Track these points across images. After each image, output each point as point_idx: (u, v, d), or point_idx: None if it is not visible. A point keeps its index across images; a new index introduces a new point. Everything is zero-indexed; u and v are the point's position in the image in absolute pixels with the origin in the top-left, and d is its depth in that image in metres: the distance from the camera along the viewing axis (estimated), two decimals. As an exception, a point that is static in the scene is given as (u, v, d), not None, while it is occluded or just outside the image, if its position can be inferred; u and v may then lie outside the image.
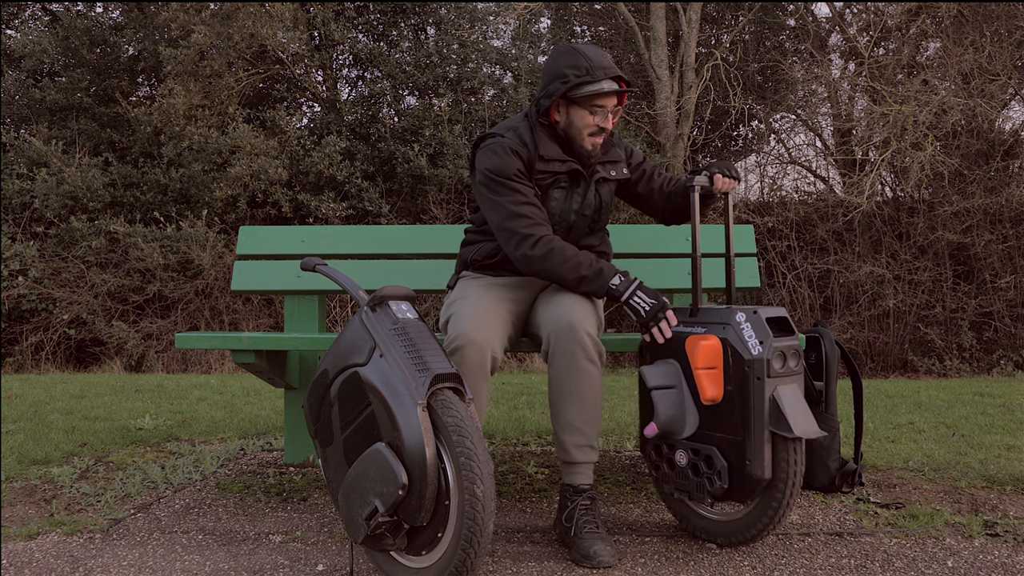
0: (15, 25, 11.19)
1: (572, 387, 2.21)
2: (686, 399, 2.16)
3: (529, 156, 2.36)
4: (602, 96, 2.33)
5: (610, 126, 2.39)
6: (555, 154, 2.38)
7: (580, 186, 2.44)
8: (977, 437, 3.59)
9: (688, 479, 2.17)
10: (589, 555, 2.09)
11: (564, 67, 2.33)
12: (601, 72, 2.30)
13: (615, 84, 2.32)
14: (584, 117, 2.35)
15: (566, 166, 2.39)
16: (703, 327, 2.16)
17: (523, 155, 2.35)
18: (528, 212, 2.31)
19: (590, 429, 2.23)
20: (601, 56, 2.34)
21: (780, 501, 2.08)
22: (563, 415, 2.23)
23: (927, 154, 7.78)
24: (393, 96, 10.37)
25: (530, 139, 2.39)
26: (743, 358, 2.06)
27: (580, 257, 2.28)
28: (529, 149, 2.37)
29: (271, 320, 9.19)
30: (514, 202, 2.31)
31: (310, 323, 3.12)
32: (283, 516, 2.57)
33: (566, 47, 2.37)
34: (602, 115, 2.35)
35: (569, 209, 2.44)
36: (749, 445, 2.04)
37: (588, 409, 2.22)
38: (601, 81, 2.30)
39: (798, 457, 2.07)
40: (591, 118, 2.35)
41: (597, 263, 2.28)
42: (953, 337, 8.09)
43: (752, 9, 10.08)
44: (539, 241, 2.27)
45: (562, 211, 2.43)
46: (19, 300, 8.78)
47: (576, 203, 2.44)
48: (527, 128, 2.41)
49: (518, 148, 2.35)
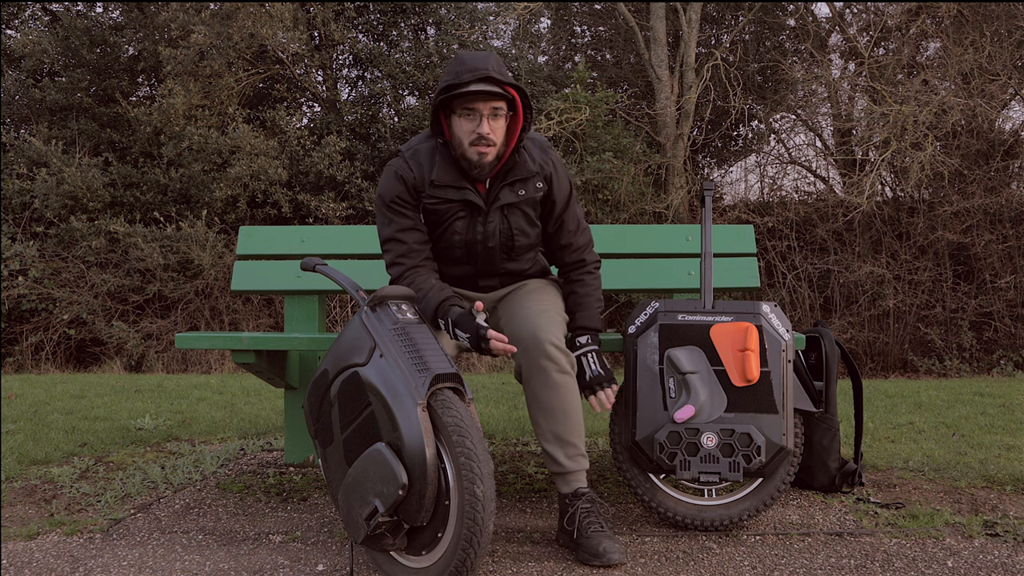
0: (15, 25, 11.19)
1: (553, 402, 2.22)
2: (712, 382, 2.28)
3: (416, 182, 2.30)
4: (470, 98, 2.20)
5: (488, 131, 2.21)
6: (449, 179, 2.29)
7: (480, 215, 2.33)
8: (977, 437, 3.59)
9: (718, 461, 2.23)
10: (598, 553, 2.09)
11: (443, 76, 2.24)
12: (470, 74, 2.17)
13: (485, 85, 2.17)
14: (461, 124, 2.24)
15: (460, 195, 2.30)
16: (728, 316, 2.31)
17: (408, 180, 2.30)
18: (403, 238, 2.31)
19: (577, 438, 2.25)
20: (479, 59, 2.20)
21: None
22: (549, 430, 2.23)
23: (927, 154, 7.77)
24: (393, 96, 10.37)
25: (427, 161, 2.31)
26: (779, 341, 2.27)
27: (429, 295, 2.24)
28: (416, 174, 2.30)
29: (271, 320, 9.19)
30: (393, 228, 2.32)
31: (310, 323, 3.12)
32: (283, 516, 2.57)
33: (453, 57, 2.32)
34: (476, 120, 2.21)
35: (474, 240, 2.35)
36: (784, 421, 2.26)
37: (571, 420, 2.23)
38: (469, 83, 2.16)
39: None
40: (467, 124, 2.22)
41: (434, 305, 2.23)
42: (953, 337, 8.09)
43: (752, 9, 10.08)
44: (404, 273, 2.30)
45: (468, 242, 2.35)
46: (19, 300, 8.78)
47: (479, 233, 2.34)
48: (430, 148, 2.33)
49: (404, 173, 2.31)
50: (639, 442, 2.29)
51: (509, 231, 2.36)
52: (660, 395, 2.29)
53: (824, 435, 2.66)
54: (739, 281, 2.98)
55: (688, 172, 9.60)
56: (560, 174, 2.41)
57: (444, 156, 2.31)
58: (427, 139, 2.36)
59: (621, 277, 3.00)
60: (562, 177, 2.42)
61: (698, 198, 8.97)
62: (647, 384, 2.30)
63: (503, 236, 2.36)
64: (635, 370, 2.32)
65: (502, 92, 2.21)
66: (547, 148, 2.42)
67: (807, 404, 2.45)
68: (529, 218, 2.39)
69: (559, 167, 2.42)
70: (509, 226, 2.35)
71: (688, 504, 2.36)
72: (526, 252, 2.44)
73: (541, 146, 2.41)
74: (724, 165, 11.88)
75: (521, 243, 2.39)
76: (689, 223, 8.32)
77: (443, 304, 2.22)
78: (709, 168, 11.80)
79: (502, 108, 2.24)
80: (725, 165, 11.87)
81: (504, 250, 2.38)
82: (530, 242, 2.42)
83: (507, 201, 2.33)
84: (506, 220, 2.35)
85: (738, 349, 2.28)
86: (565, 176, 2.44)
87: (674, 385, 2.29)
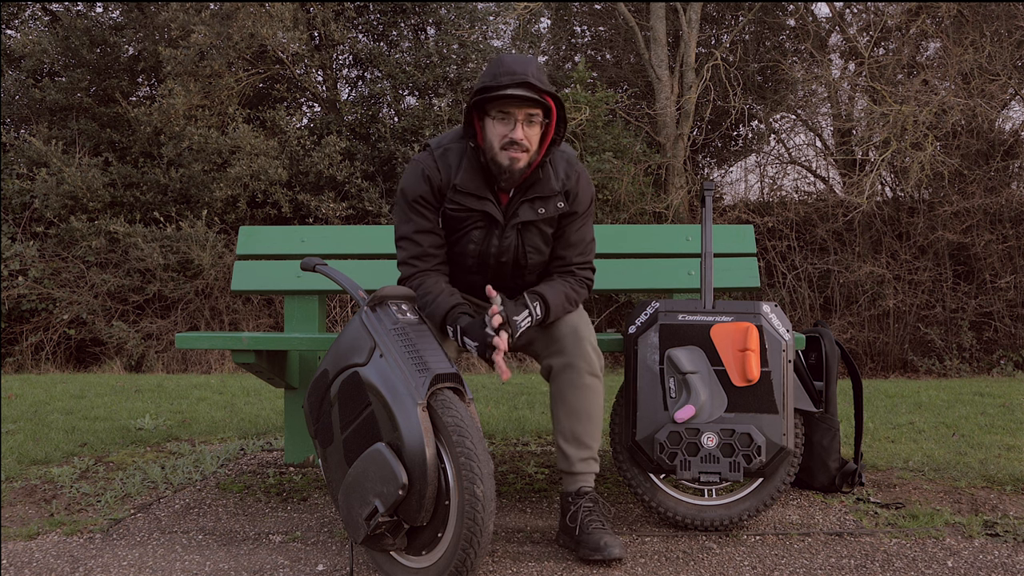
0: (15, 25, 11.19)
1: (578, 402, 2.22)
2: (713, 382, 2.28)
3: (441, 183, 2.26)
4: (505, 102, 2.15)
5: (522, 137, 2.17)
6: (472, 187, 2.25)
7: (497, 229, 2.29)
8: (977, 437, 3.59)
9: (718, 461, 2.23)
10: (599, 547, 2.09)
11: (481, 76, 2.21)
12: (508, 77, 2.12)
13: (522, 90, 2.12)
14: (494, 128, 2.19)
15: (481, 205, 2.26)
16: (728, 316, 2.31)
17: (435, 182, 2.26)
18: (420, 240, 2.27)
19: (594, 442, 2.26)
20: (519, 63, 2.16)
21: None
22: (568, 428, 2.24)
23: (927, 154, 7.77)
24: (393, 96, 10.37)
25: (456, 162, 2.26)
26: (779, 341, 2.27)
27: (438, 299, 2.20)
28: (443, 176, 2.26)
29: (271, 320, 9.19)
30: (411, 227, 2.28)
31: (310, 323, 3.12)
32: (283, 516, 2.57)
33: (493, 58, 2.31)
34: (510, 124, 2.16)
35: (488, 252, 2.31)
36: (785, 421, 2.26)
37: (592, 423, 2.24)
38: (506, 87, 2.12)
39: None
40: (500, 127, 2.18)
41: (443, 311, 2.18)
42: (953, 337, 8.09)
43: (752, 9, 10.08)
44: (415, 275, 2.26)
45: (481, 254, 2.31)
46: (19, 300, 8.78)
47: (494, 247, 2.30)
48: (460, 150, 2.28)
49: (431, 174, 2.26)
50: (639, 442, 2.29)
51: (523, 248, 2.32)
52: (660, 395, 2.29)
53: (824, 435, 2.66)
54: (739, 281, 2.98)
55: (688, 172, 9.60)
56: (582, 190, 2.35)
57: (472, 161, 2.26)
58: (458, 139, 2.31)
59: (621, 277, 3.00)
60: (583, 194, 2.35)
61: (698, 198, 8.98)
62: (647, 384, 2.31)
63: (516, 253, 2.32)
64: (635, 370, 2.32)
65: (539, 99, 2.16)
66: (573, 161, 2.37)
67: (807, 404, 2.45)
68: (545, 236, 2.35)
69: (583, 182, 2.35)
70: (523, 244, 2.32)
71: (688, 504, 2.36)
72: (537, 269, 2.41)
73: (568, 159, 2.35)
74: (724, 165, 11.88)
75: (534, 260, 2.35)
76: (689, 223, 8.32)
77: (452, 311, 2.19)
78: (709, 168, 11.80)
79: (538, 115, 2.19)
80: (725, 165, 11.87)
81: (515, 266, 2.36)
82: (542, 259, 2.38)
83: (525, 219, 2.28)
84: (520, 237, 2.31)
85: (738, 349, 2.29)
86: (587, 193, 2.37)
87: (674, 385, 2.29)
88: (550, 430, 3.83)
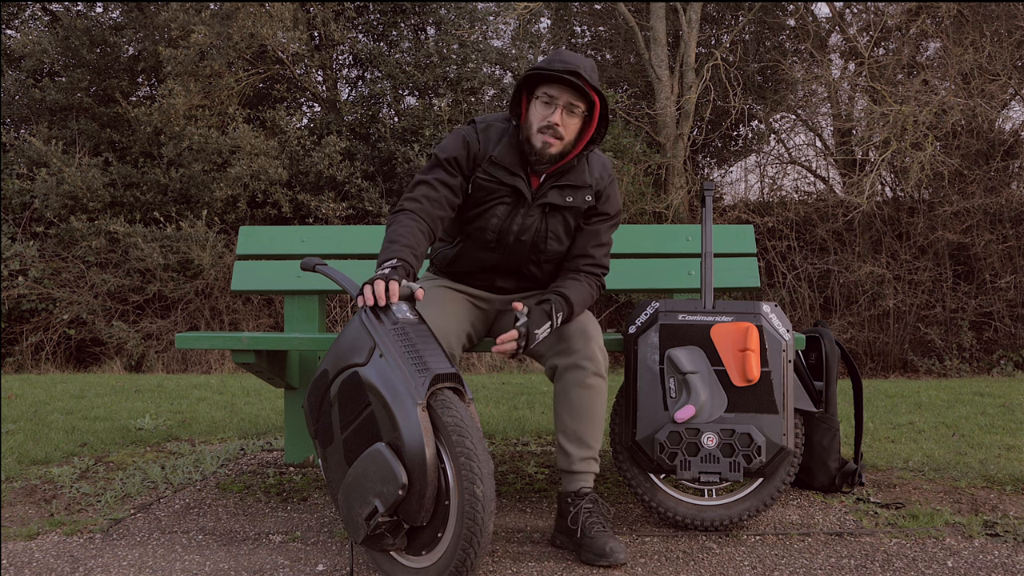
0: (15, 25, 11.19)
1: (582, 402, 2.23)
2: (713, 382, 2.28)
3: (478, 153, 2.32)
4: (552, 84, 2.23)
5: (559, 122, 2.22)
6: (507, 162, 2.30)
7: (523, 206, 2.33)
8: (977, 437, 3.59)
9: (718, 461, 2.23)
10: (605, 553, 2.08)
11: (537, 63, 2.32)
12: (561, 64, 2.21)
13: (570, 76, 2.20)
14: (536, 109, 2.26)
15: (512, 180, 2.30)
16: (729, 316, 2.31)
17: (472, 148, 2.32)
18: (427, 191, 2.26)
19: (595, 442, 2.26)
20: (576, 57, 2.25)
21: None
22: (571, 427, 2.24)
23: (927, 154, 7.78)
24: (393, 96, 10.37)
25: (496, 138, 2.33)
26: (779, 341, 2.28)
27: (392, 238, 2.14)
28: (481, 146, 2.32)
29: (271, 320, 9.19)
30: (431, 175, 2.30)
31: (310, 323, 3.12)
32: (283, 516, 2.57)
33: (553, 48, 2.35)
34: (552, 108, 2.23)
35: (509, 230, 2.33)
36: (785, 421, 2.26)
37: (595, 423, 2.25)
38: (557, 71, 2.20)
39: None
40: (542, 109, 2.24)
41: (390, 252, 2.10)
42: (953, 337, 8.09)
43: (752, 9, 10.08)
44: (400, 210, 2.24)
45: (502, 230, 2.33)
46: (19, 300, 8.79)
47: (516, 224, 2.33)
48: (502, 129, 2.35)
49: (471, 140, 2.33)
50: (639, 442, 2.29)
51: (544, 231, 2.35)
52: (660, 395, 2.29)
53: (824, 435, 2.67)
54: (739, 281, 2.98)
55: (688, 172, 9.60)
56: (613, 195, 2.41)
57: (512, 138, 2.32)
58: (503, 120, 2.38)
59: (621, 277, 3.00)
60: (614, 198, 2.42)
61: (698, 198, 8.98)
62: (648, 384, 2.31)
63: (537, 234, 2.35)
64: (635, 370, 2.32)
65: (584, 90, 2.22)
66: (609, 168, 2.44)
67: (807, 404, 2.45)
68: (567, 226, 2.37)
69: (614, 189, 2.42)
70: (546, 226, 2.35)
71: (688, 504, 2.37)
72: (552, 259, 2.41)
73: (604, 164, 2.43)
74: (724, 165, 11.88)
75: (552, 248, 2.37)
76: (689, 223, 8.32)
77: (389, 262, 2.08)
78: (709, 168, 11.80)
79: (580, 107, 2.26)
80: (725, 165, 11.87)
81: (534, 249, 2.37)
82: (560, 249, 2.39)
83: (553, 202, 2.32)
84: (545, 220, 2.34)
85: (738, 349, 2.29)
86: (616, 200, 2.43)
87: (674, 385, 2.29)
88: (550, 430, 3.83)
